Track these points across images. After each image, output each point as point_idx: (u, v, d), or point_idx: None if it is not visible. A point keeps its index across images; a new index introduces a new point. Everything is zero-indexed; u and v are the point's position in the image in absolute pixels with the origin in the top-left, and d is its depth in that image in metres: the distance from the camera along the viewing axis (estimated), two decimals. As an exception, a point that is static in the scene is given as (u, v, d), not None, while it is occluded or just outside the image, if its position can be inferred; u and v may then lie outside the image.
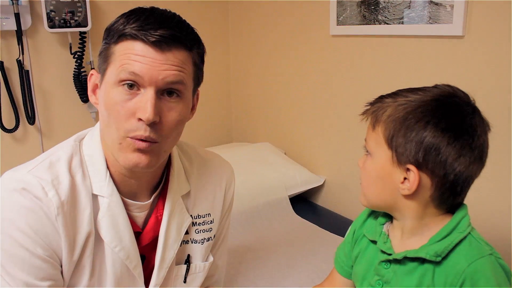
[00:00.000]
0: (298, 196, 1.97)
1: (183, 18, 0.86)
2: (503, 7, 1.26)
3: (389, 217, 0.87)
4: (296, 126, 2.10)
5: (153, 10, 0.83)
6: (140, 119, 0.79)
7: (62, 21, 1.81)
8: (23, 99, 1.85)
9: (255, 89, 2.32)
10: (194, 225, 1.00)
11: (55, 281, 0.84)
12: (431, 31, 1.43)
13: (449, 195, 0.77)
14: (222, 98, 2.48)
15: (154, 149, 0.82)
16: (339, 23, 1.75)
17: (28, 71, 1.86)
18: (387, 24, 1.56)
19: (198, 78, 0.89)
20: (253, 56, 2.29)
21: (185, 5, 2.20)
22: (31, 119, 1.88)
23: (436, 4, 1.39)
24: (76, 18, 1.83)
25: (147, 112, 0.77)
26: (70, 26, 1.83)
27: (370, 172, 0.81)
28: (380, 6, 1.58)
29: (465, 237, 0.76)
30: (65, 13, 1.81)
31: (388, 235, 0.85)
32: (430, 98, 0.76)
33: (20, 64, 1.82)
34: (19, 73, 1.83)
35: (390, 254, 0.82)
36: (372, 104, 0.83)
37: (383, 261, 0.83)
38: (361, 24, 1.66)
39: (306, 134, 2.05)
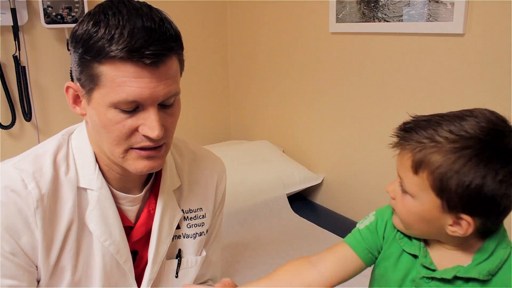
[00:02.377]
0: (297, 195, 1.96)
1: (155, 8, 0.78)
2: (504, 5, 1.26)
3: None
4: (294, 124, 2.09)
5: (128, 13, 0.74)
6: (146, 136, 0.78)
7: (59, 16, 1.80)
8: (19, 96, 1.84)
9: (253, 87, 2.31)
10: (186, 220, 1.00)
11: (19, 281, 0.82)
12: (431, 29, 1.42)
13: (496, 227, 0.78)
14: (221, 96, 2.47)
15: (162, 151, 0.83)
16: (338, 20, 1.73)
17: (24, 67, 1.85)
18: (387, 21, 1.55)
19: (183, 68, 0.86)
20: (251, 54, 2.28)
21: (183, 4, 2.19)
22: (28, 116, 1.87)
23: (437, 1, 1.38)
24: (73, 14, 1.82)
25: (155, 131, 0.77)
26: (67, 22, 1.82)
27: (412, 212, 0.78)
28: (380, 4, 1.56)
29: (510, 253, 0.77)
30: (62, 9, 1.80)
31: (426, 248, 0.83)
32: (481, 145, 0.71)
33: (16, 60, 1.81)
34: (16, 69, 1.82)
35: (433, 270, 0.80)
36: (404, 138, 0.77)
37: (425, 277, 0.81)
38: (360, 22, 1.65)
39: (304, 132, 2.04)
